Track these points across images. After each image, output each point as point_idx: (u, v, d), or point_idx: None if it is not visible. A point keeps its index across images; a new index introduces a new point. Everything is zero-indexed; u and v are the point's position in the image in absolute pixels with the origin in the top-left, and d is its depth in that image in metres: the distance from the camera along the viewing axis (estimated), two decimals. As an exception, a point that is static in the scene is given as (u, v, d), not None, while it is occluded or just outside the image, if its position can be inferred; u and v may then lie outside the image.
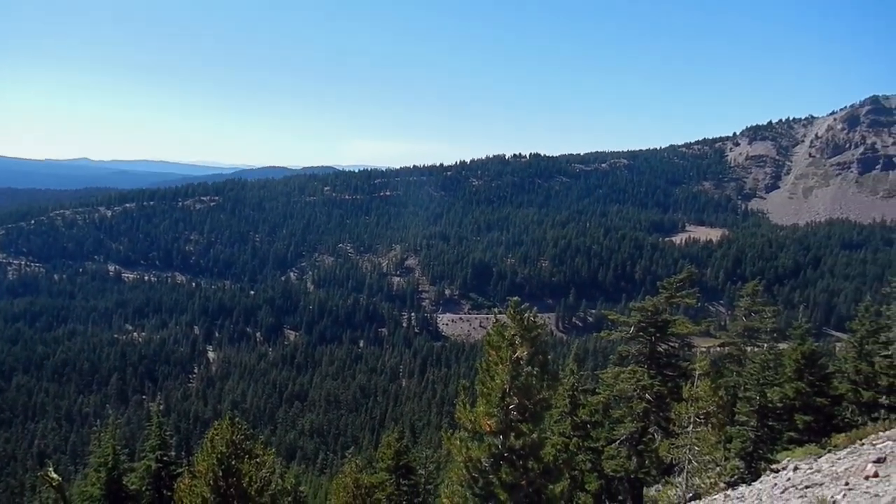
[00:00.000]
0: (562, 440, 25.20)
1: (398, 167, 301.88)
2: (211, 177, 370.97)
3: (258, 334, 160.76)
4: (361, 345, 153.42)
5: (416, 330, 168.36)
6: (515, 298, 14.08)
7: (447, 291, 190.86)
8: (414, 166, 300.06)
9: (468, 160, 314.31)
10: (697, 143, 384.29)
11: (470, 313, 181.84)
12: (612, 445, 24.79)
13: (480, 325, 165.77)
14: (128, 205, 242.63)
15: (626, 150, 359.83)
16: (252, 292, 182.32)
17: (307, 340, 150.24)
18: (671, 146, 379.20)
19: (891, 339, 33.14)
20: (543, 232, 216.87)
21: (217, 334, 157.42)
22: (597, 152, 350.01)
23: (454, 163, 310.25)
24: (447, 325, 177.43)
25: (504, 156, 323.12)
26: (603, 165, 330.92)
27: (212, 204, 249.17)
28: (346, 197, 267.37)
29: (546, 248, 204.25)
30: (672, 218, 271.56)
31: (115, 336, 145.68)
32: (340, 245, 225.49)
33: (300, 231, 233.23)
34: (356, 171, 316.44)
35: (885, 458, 12.46)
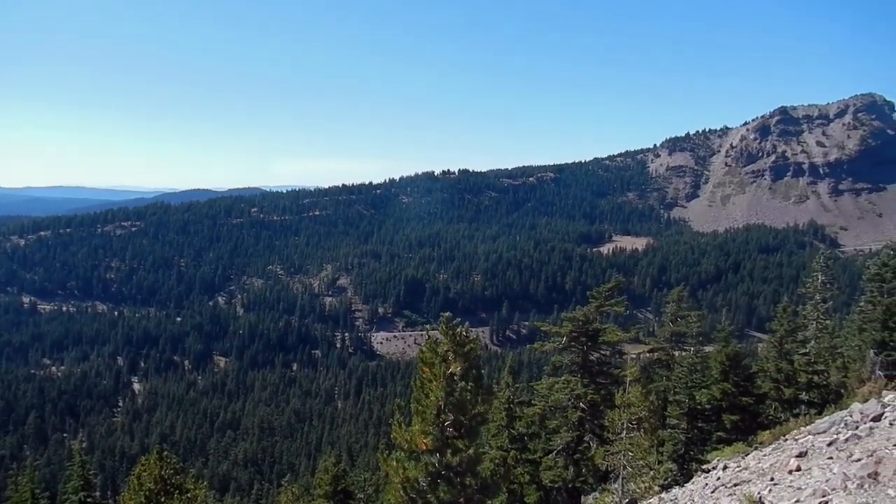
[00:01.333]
0: (500, 454, 25.22)
1: (327, 186, 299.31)
2: (132, 201, 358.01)
3: (186, 362, 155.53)
4: (295, 368, 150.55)
5: (351, 350, 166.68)
6: (447, 314, 14.03)
7: (380, 310, 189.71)
8: (343, 185, 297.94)
9: (398, 177, 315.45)
10: (620, 155, 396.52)
11: (404, 331, 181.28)
12: (550, 456, 24.98)
13: (415, 343, 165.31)
14: (42, 233, 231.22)
15: (552, 163, 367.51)
16: (179, 319, 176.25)
17: (238, 366, 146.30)
18: (596, 159, 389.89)
19: (807, 338, 34.74)
20: (475, 247, 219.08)
21: (143, 364, 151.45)
22: (524, 166, 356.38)
23: (384, 180, 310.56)
24: (382, 343, 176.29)
25: (433, 172, 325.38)
26: (531, 179, 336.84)
27: (133, 229, 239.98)
28: (275, 218, 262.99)
29: (478, 263, 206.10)
30: (599, 229, 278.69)
31: (32, 372, 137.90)
32: (270, 267, 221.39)
33: (227, 254, 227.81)
34: (284, 191, 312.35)
35: (806, 453, 12.92)
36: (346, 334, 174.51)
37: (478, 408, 13.49)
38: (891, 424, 12.20)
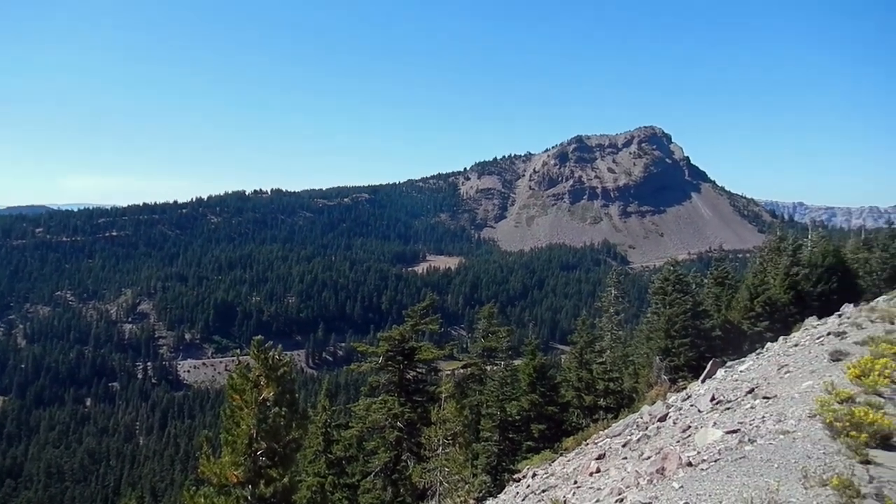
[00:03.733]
0: (317, 480, 24.57)
1: (126, 205, 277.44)
2: None
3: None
4: (89, 403, 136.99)
5: (154, 381, 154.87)
6: (259, 337, 13.41)
7: (188, 336, 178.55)
8: (144, 204, 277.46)
9: (205, 196, 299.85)
10: (433, 177, 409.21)
11: (214, 357, 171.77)
12: (368, 478, 24.73)
13: (226, 369, 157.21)
14: None
15: (367, 184, 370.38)
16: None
17: (20, 405, 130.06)
18: (409, 181, 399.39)
19: (603, 348, 37.69)
20: (289, 268, 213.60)
21: None
22: (339, 187, 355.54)
23: (190, 199, 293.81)
24: (189, 371, 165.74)
25: (244, 192, 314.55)
26: (345, 200, 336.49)
27: None
28: (65, 239, 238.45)
29: (292, 284, 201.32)
30: (414, 249, 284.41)
31: None
32: (59, 293, 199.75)
33: (6, 279, 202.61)
34: (75, 209, 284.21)
35: (604, 455, 13.87)
36: (149, 363, 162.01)
37: (292, 434, 13.00)
38: (674, 423, 13.44)
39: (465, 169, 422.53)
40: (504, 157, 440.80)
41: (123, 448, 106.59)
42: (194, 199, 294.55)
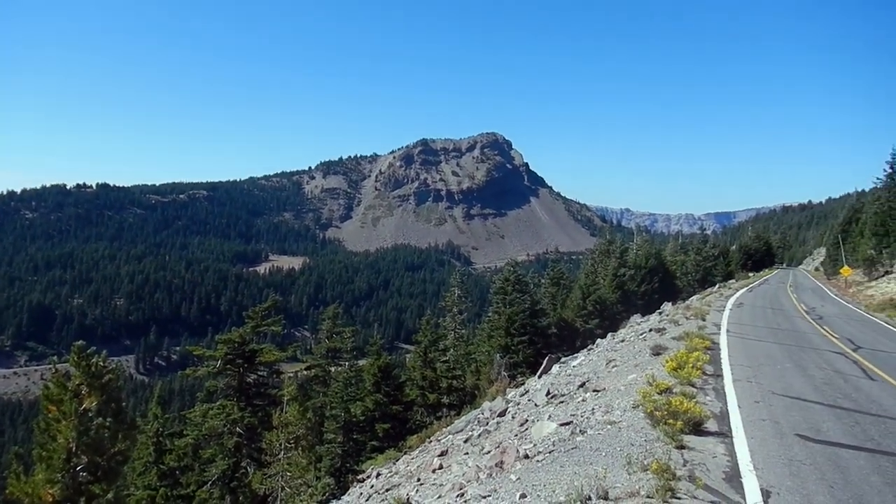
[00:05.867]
0: (147, 493, 23.15)
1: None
2: None
3: None
4: None
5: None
6: (80, 342, 12.35)
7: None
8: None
9: (18, 190, 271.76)
10: (277, 175, 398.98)
11: (27, 366, 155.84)
12: (204, 488, 23.57)
13: (42, 379, 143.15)
14: None
15: (205, 181, 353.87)
16: None
17: None
18: (251, 178, 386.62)
19: (447, 347, 38.46)
20: (117, 268, 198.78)
21: None
22: (174, 183, 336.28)
23: (0, 192, 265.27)
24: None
25: (65, 185, 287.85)
26: (181, 196, 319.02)
27: None
28: None
29: (121, 285, 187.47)
30: (255, 248, 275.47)
31: None
32: None
33: None
34: None
35: (447, 451, 14.13)
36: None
37: (118, 445, 12.09)
38: (513, 417, 13.96)
39: (310, 168, 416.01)
40: (350, 157, 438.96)
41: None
42: (5, 193, 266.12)
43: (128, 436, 12.41)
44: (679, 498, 5.86)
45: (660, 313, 30.62)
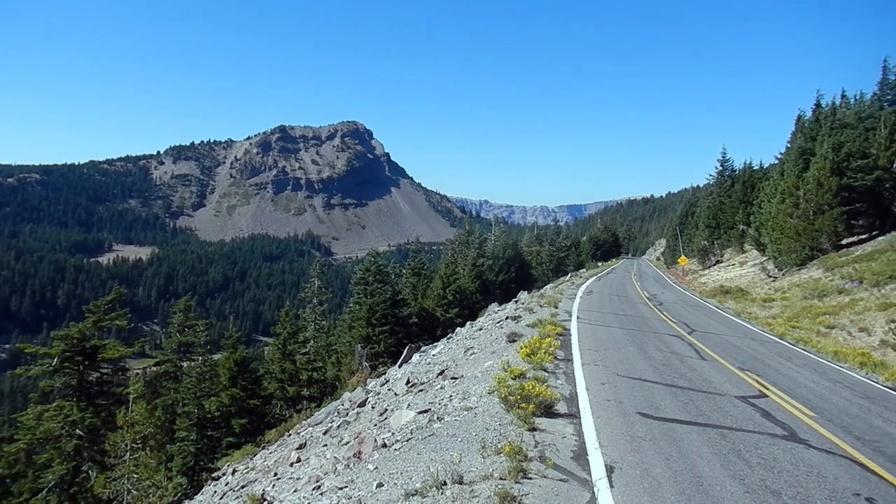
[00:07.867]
0: (-29, 506, 21.07)
1: None
2: None
3: None
4: None
5: None
6: None
7: None
8: None
9: None
10: (120, 159, 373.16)
11: None
12: (40, 496, 21.83)
13: None
14: None
15: (37, 164, 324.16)
16: None
17: None
18: (92, 162, 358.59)
19: (307, 338, 37.92)
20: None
21: None
22: (1, 165, 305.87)
23: None
24: None
25: None
26: (10, 180, 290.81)
27: None
28: None
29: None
30: (97, 237, 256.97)
31: None
32: None
33: None
34: None
35: (305, 444, 13.97)
36: None
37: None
38: (373, 407, 14.03)
39: (158, 152, 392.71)
40: (203, 142, 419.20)
41: None
42: None
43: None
44: (530, 478, 6.14)
45: (516, 302, 31.83)
